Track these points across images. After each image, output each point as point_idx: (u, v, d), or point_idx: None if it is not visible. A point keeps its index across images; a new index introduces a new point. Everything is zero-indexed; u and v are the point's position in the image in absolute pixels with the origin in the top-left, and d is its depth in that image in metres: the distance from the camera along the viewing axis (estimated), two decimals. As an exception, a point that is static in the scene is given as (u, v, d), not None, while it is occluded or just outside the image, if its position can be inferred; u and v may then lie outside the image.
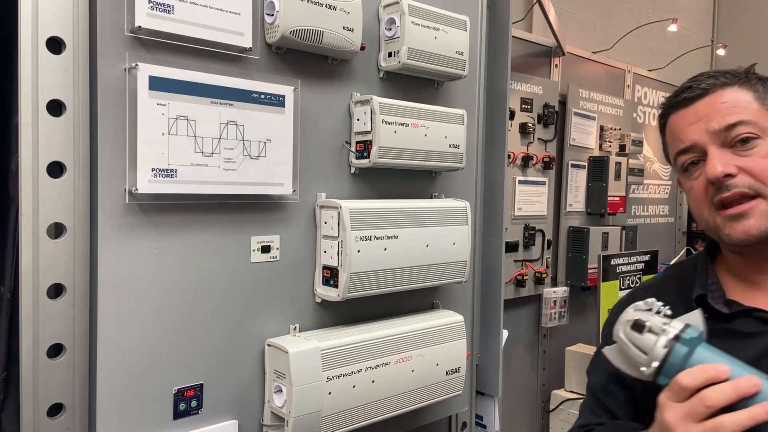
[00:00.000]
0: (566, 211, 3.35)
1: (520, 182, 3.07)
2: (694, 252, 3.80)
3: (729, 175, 0.92)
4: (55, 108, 1.10)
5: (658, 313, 0.86)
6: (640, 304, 0.87)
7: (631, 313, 0.86)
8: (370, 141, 1.42)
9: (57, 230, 1.11)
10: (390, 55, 1.49)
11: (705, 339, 0.83)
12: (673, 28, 4.13)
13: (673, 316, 0.85)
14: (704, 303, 0.98)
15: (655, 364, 0.82)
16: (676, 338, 0.81)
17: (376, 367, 1.40)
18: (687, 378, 0.77)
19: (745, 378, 0.75)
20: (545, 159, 3.15)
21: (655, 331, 0.83)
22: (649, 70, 4.11)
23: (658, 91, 4.04)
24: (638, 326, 0.84)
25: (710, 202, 0.96)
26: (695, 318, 0.84)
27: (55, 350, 1.12)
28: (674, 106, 1.00)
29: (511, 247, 3.03)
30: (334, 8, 1.33)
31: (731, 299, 0.99)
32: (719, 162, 0.92)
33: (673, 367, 0.81)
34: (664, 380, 0.81)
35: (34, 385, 1.10)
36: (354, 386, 1.36)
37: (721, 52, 4.78)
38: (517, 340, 3.22)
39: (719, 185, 0.93)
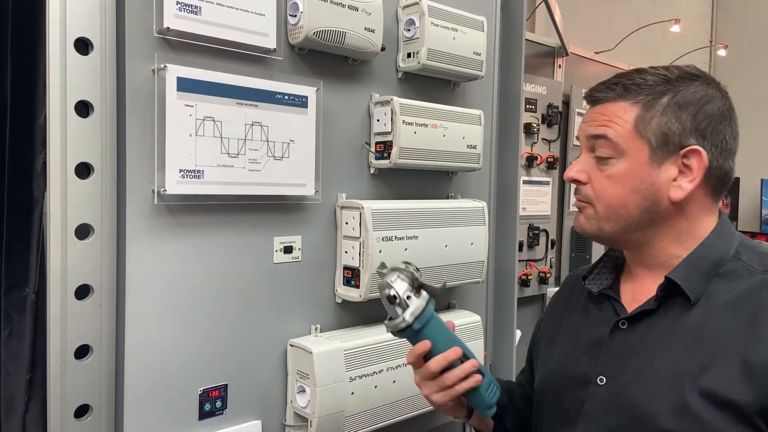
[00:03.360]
0: (570, 211, 3.36)
1: (525, 182, 3.09)
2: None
3: (578, 181, 1.01)
4: (83, 109, 1.10)
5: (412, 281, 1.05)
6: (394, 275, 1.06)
7: (386, 282, 1.06)
8: (390, 141, 1.43)
9: (84, 231, 1.11)
10: (409, 55, 1.50)
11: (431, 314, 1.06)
12: (675, 28, 4.15)
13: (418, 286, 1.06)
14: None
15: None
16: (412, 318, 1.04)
17: (396, 367, 1.40)
18: (409, 357, 1.08)
19: (451, 350, 1.05)
20: (549, 159, 3.16)
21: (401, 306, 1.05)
22: (651, 71, 4.13)
23: (659, 91, 4.06)
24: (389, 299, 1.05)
25: None
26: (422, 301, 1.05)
27: (82, 351, 1.12)
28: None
29: (518, 248, 3.04)
30: (356, 9, 1.34)
31: (606, 285, 1.09)
32: (573, 168, 1.02)
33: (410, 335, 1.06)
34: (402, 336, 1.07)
35: (62, 386, 1.10)
36: (376, 386, 1.36)
37: (722, 52, 4.81)
38: (521, 340, 3.23)
39: None
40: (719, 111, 0.95)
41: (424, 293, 1.06)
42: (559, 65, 3.34)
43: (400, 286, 1.05)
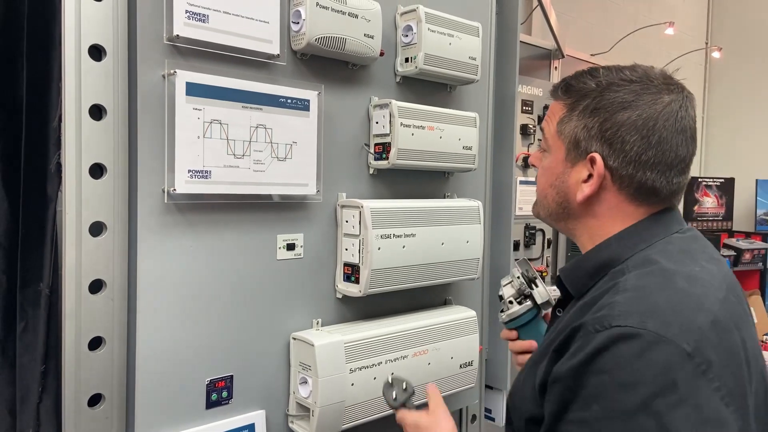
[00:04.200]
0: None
1: (521, 182, 3.14)
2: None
3: (535, 166, 1.09)
4: (96, 112, 1.16)
5: (529, 280, 1.23)
6: (514, 271, 1.26)
7: (506, 280, 1.26)
8: (389, 143, 1.49)
9: (97, 228, 1.17)
10: (407, 60, 1.56)
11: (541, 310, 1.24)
12: (669, 31, 4.21)
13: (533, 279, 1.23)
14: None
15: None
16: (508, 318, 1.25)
17: (395, 359, 1.46)
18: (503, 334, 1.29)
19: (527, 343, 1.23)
20: (545, 160, 3.21)
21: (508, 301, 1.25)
22: (646, 73, 4.18)
23: (654, 93, 4.12)
24: (500, 297, 1.26)
25: None
26: (542, 293, 1.23)
27: (95, 343, 1.18)
28: None
29: (513, 246, 3.10)
30: (356, 16, 1.39)
31: None
32: (533, 154, 1.11)
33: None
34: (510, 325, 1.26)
35: (76, 376, 1.16)
36: (375, 378, 1.42)
37: (716, 54, 4.87)
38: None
39: None
40: (631, 120, 0.93)
41: (527, 302, 1.22)
42: (556, 67, 3.40)
43: (507, 291, 1.24)
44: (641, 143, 0.93)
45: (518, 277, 1.23)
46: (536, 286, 1.22)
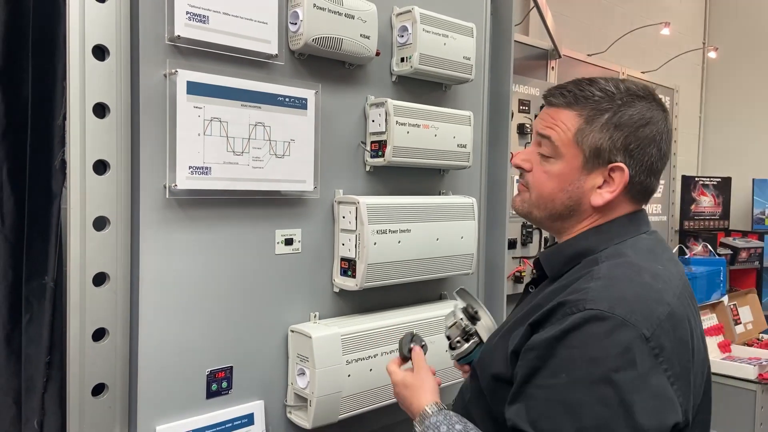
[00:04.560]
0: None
1: (518, 181, 3.17)
2: (686, 250, 3.92)
3: (523, 168, 1.13)
4: (100, 110, 1.19)
5: (471, 316, 1.26)
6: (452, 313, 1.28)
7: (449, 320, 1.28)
8: (385, 141, 1.52)
9: (101, 223, 1.20)
10: (402, 60, 1.59)
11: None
12: (665, 31, 4.24)
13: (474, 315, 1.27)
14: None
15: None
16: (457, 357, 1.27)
17: (391, 352, 1.49)
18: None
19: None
20: (542, 159, 3.24)
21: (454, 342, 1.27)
22: (642, 72, 4.22)
23: (651, 92, 4.15)
24: (448, 337, 1.28)
25: None
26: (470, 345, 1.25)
27: (99, 334, 1.21)
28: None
29: (510, 244, 3.12)
30: (353, 17, 1.43)
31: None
32: (520, 156, 1.14)
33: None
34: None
35: (80, 367, 1.19)
36: (371, 369, 1.46)
37: (712, 54, 4.90)
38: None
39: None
40: (651, 135, 1.04)
41: (474, 338, 1.25)
42: (552, 67, 3.43)
43: (453, 333, 1.27)
44: (657, 154, 1.06)
45: (461, 319, 1.26)
46: (479, 319, 1.26)
